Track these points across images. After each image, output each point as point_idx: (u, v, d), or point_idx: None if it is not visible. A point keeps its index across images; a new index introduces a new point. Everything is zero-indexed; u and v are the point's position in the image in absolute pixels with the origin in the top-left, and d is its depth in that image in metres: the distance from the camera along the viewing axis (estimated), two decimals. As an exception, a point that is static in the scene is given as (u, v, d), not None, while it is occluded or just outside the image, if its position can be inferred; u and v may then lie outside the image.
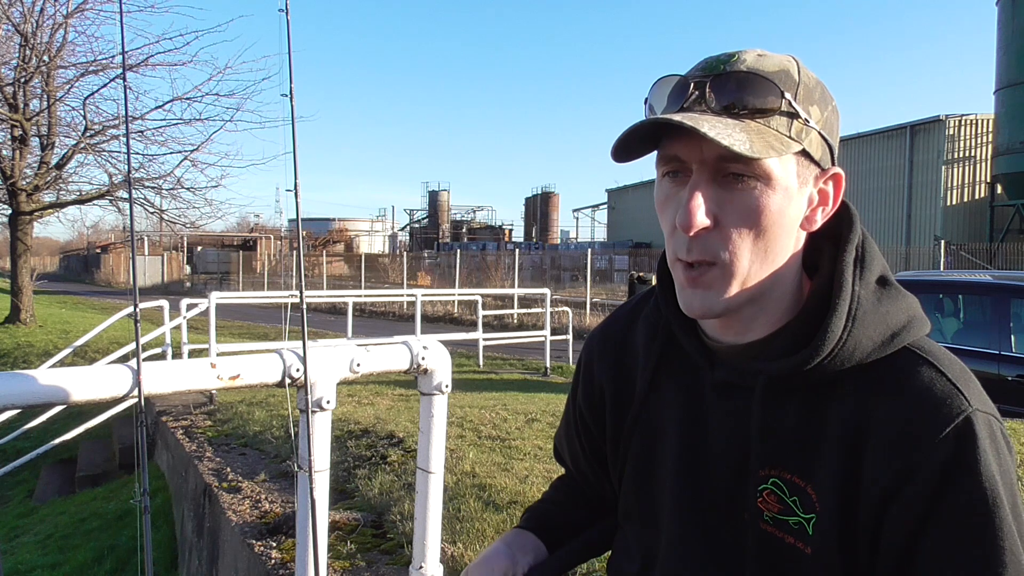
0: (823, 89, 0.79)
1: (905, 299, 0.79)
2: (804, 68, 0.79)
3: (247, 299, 12.03)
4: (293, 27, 1.65)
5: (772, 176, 0.74)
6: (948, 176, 23.98)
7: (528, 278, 28.94)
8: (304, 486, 1.79)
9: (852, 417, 0.73)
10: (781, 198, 0.75)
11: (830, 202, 0.80)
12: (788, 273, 0.79)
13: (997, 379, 6.08)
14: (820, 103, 0.78)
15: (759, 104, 0.74)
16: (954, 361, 0.76)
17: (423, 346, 1.86)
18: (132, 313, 1.85)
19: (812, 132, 0.76)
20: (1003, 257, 20.52)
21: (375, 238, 56.78)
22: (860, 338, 0.74)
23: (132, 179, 12.33)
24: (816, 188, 0.79)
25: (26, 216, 14.88)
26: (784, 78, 0.76)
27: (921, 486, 0.69)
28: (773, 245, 0.77)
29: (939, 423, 0.70)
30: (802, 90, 0.76)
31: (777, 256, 0.78)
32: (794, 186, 0.76)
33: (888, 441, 0.71)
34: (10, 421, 7.48)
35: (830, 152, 0.80)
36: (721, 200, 0.75)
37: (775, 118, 0.75)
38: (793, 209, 0.77)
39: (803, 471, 0.75)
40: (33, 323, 15.58)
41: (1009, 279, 6.83)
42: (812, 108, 0.77)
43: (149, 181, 14.16)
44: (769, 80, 0.75)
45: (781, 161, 0.75)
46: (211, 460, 5.09)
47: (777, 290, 0.79)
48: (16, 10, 13.37)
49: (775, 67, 0.76)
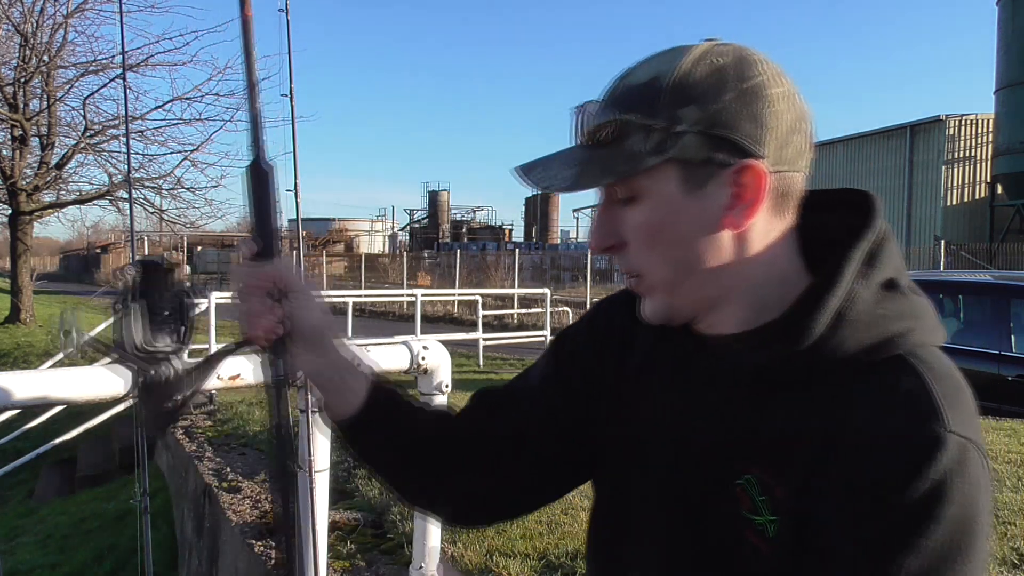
0: (723, 76, 0.73)
1: (913, 305, 0.75)
2: (701, 60, 0.74)
3: (247, 299, 12.00)
4: (293, 27, 1.65)
5: (646, 193, 0.75)
6: (948, 176, 23.96)
7: (528, 278, 28.92)
8: (304, 486, 1.79)
9: (829, 421, 0.70)
10: (664, 211, 0.75)
11: (742, 199, 0.74)
12: (756, 272, 0.77)
13: (997, 379, 6.08)
14: (709, 96, 0.72)
15: (604, 131, 0.75)
16: (951, 378, 0.71)
17: (423, 346, 1.86)
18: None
19: (685, 136, 0.72)
20: (1003, 257, 20.50)
21: (375, 238, 56.77)
22: (846, 338, 0.71)
23: (132, 179, 12.33)
24: (726, 188, 0.74)
25: (26, 216, 14.89)
26: (643, 91, 0.74)
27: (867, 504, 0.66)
28: (687, 254, 0.76)
29: (904, 441, 0.66)
30: (671, 95, 0.72)
31: (703, 262, 0.76)
32: (678, 195, 0.74)
33: (851, 452, 0.68)
34: (10, 421, 7.48)
35: (735, 145, 0.73)
36: (619, 220, 0.78)
37: (631, 137, 0.73)
38: (690, 217, 0.75)
39: (776, 471, 0.73)
40: (33, 323, 15.58)
41: (1009, 279, 6.83)
42: (687, 109, 0.72)
43: (149, 181, 14.18)
44: (612, 103, 0.75)
45: (653, 175, 0.74)
46: (211, 460, 5.09)
47: (748, 289, 0.77)
48: (16, 10, 13.38)
49: (646, 76, 0.75)
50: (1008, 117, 21.99)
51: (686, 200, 0.74)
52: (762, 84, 0.73)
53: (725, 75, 0.73)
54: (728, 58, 0.74)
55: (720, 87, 0.72)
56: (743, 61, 0.74)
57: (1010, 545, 2.89)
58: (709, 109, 0.72)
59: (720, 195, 0.74)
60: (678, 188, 0.74)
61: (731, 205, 0.74)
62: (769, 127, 0.73)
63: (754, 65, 0.74)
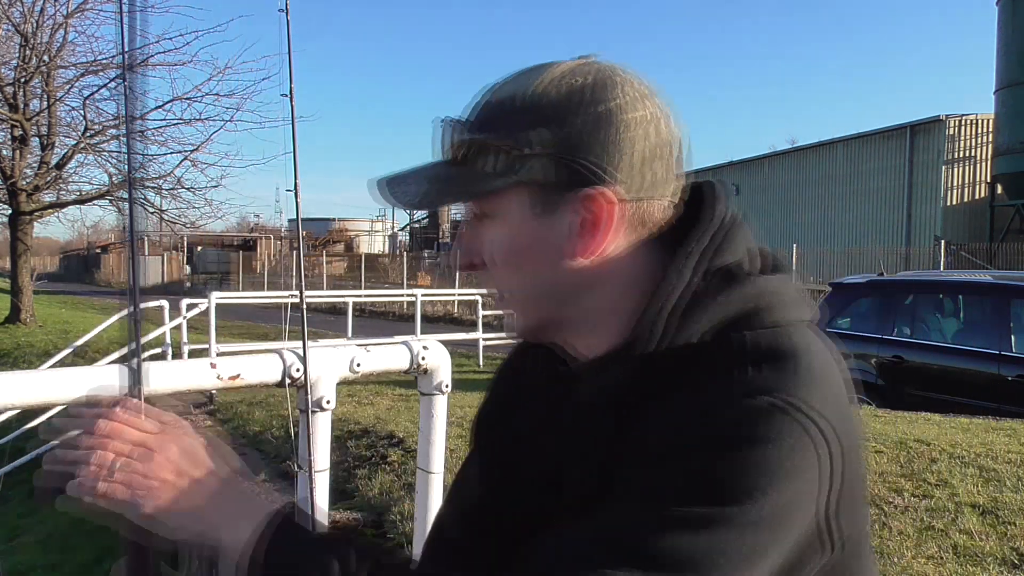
0: (577, 98, 0.69)
1: (757, 286, 0.70)
2: (559, 80, 0.71)
3: (247, 299, 12.04)
4: (293, 27, 1.65)
5: (499, 214, 0.73)
6: (948, 176, 23.96)
7: (528, 278, 28.85)
8: (304, 486, 1.79)
9: (653, 428, 0.67)
10: (516, 233, 0.73)
11: (590, 226, 0.70)
12: (614, 297, 0.74)
13: (997, 379, 6.09)
14: (560, 118, 0.69)
15: (460, 149, 0.73)
16: (789, 355, 0.65)
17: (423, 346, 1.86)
18: (132, 313, 1.85)
19: (534, 159, 0.70)
20: (1003, 257, 20.50)
21: (375, 238, 56.75)
22: (685, 338, 0.69)
23: (132, 179, 12.33)
24: (576, 213, 0.71)
25: (26, 216, 14.90)
26: (498, 110, 0.72)
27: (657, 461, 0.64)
28: (539, 277, 0.74)
29: (707, 410, 0.63)
30: (522, 115, 0.70)
31: (556, 286, 0.74)
32: (529, 218, 0.72)
33: (664, 428, 0.65)
34: (10, 421, 7.48)
35: (585, 170, 0.69)
36: (479, 239, 0.76)
37: (483, 157, 0.72)
38: (541, 241, 0.72)
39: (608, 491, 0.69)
40: (33, 323, 15.57)
41: (1009, 279, 6.84)
42: (537, 131, 0.69)
43: (149, 181, 14.17)
44: (471, 120, 0.73)
45: (505, 196, 0.72)
46: (211, 460, 5.09)
47: (609, 312, 0.74)
48: (16, 10, 13.38)
49: (504, 94, 0.72)
50: (1008, 117, 21.99)
51: (536, 223, 0.72)
52: (617, 108, 0.70)
53: (580, 97, 0.70)
54: (588, 79, 0.71)
55: (572, 110, 0.70)
56: (603, 83, 0.71)
57: (1010, 545, 2.89)
58: (559, 132, 0.69)
59: (570, 220, 0.71)
60: (529, 211, 0.72)
61: (581, 231, 0.71)
62: (622, 154, 0.70)
63: (613, 88, 0.71)
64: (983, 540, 2.92)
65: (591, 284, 0.73)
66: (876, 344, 6.81)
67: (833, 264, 21.75)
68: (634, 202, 0.71)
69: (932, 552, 2.84)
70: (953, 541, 2.92)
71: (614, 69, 0.73)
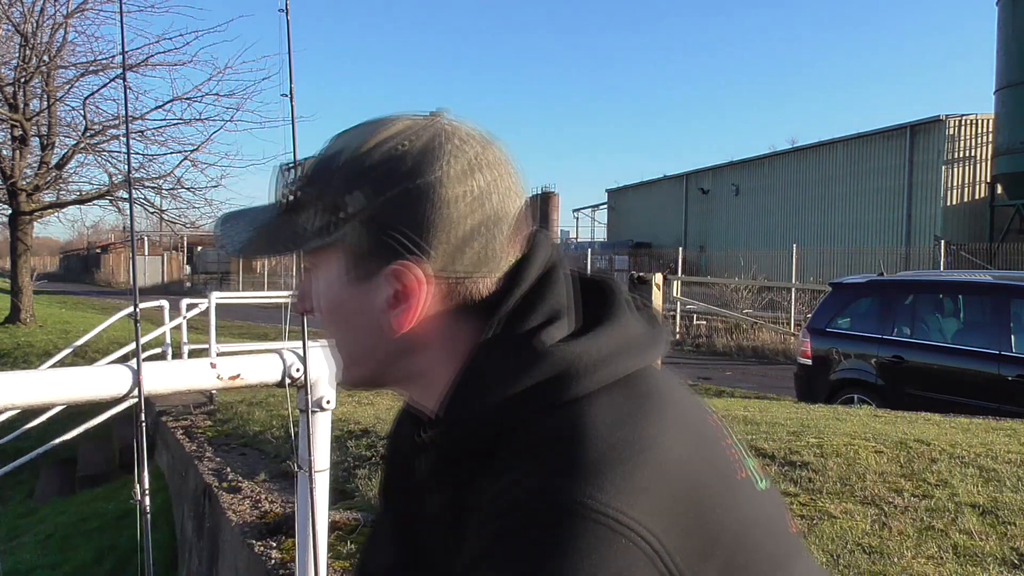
0: (397, 166, 0.66)
1: (542, 361, 0.64)
2: (386, 142, 0.68)
3: (247, 299, 12.02)
4: (293, 27, 1.65)
5: (320, 270, 0.73)
6: (948, 176, 23.98)
7: (528, 278, 28.84)
8: (304, 486, 1.79)
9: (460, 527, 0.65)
10: (333, 293, 0.72)
11: (403, 299, 0.68)
12: (435, 367, 0.71)
13: (997, 379, 6.09)
14: (376, 186, 0.66)
15: (287, 199, 0.72)
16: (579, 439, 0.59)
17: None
18: (132, 313, 1.85)
19: (348, 224, 0.67)
20: (1003, 257, 20.52)
21: (375, 238, 56.69)
22: (481, 413, 0.64)
23: (132, 179, 12.34)
24: (388, 285, 0.68)
25: (26, 216, 14.90)
26: (324, 165, 0.70)
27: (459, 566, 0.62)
28: (356, 339, 0.73)
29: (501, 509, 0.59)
30: (342, 177, 0.67)
31: (374, 350, 0.72)
32: (344, 281, 0.70)
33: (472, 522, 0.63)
34: (10, 421, 7.48)
35: (397, 243, 0.66)
36: (308, 285, 0.75)
37: (304, 212, 0.70)
38: (356, 305, 0.70)
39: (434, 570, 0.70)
40: (33, 323, 15.58)
41: (1009, 279, 6.84)
42: (353, 196, 0.67)
43: (149, 181, 14.18)
44: (304, 171, 0.71)
45: (323, 255, 0.71)
46: (211, 460, 5.10)
47: (421, 375, 0.73)
48: (16, 10, 13.38)
49: (334, 149, 0.70)
50: (1008, 117, 22.00)
51: (352, 289, 0.70)
52: (437, 183, 0.66)
53: (400, 166, 0.66)
54: (416, 144, 0.67)
55: (389, 179, 0.66)
56: (428, 152, 0.67)
57: (1010, 545, 2.89)
58: (374, 201, 0.66)
59: (383, 290, 0.68)
60: (344, 274, 0.70)
61: (394, 303, 0.68)
62: (437, 231, 0.66)
63: (437, 160, 0.66)
64: (983, 540, 2.92)
65: (412, 350, 0.71)
66: (876, 344, 6.82)
67: (833, 264, 21.76)
68: (451, 280, 0.68)
69: (932, 552, 2.83)
70: (953, 541, 2.92)
71: (451, 135, 0.68)
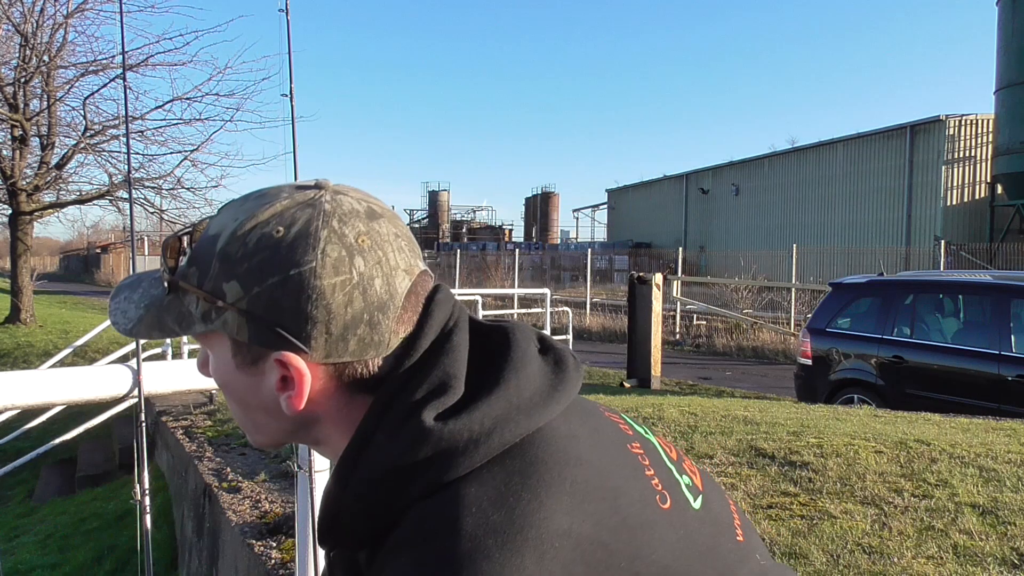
0: (273, 254, 0.64)
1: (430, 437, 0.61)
2: (263, 225, 0.65)
3: (247, 299, 12.00)
4: (293, 27, 1.65)
5: (211, 349, 0.72)
6: (948, 176, 23.98)
7: (528, 278, 28.93)
8: (304, 486, 1.79)
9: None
10: (223, 373, 0.71)
11: (290, 384, 0.67)
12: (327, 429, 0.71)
13: (997, 379, 6.09)
14: (252, 275, 0.64)
15: (168, 277, 0.70)
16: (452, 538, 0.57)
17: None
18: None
19: (228, 312, 0.65)
20: (1003, 257, 20.52)
21: (375, 238, 56.61)
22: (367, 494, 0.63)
23: (132, 179, 12.34)
24: (275, 371, 0.67)
25: (26, 216, 14.89)
26: (205, 247, 0.67)
27: None
28: (250, 416, 0.72)
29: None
30: (219, 264, 0.65)
31: (263, 421, 0.72)
32: (232, 365, 0.69)
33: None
34: (10, 421, 7.48)
35: (277, 335, 0.64)
36: (207, 356, 0.74)
37: (189, 295, 0.68)
38: (246, 388, 0.70)
39: None
40: (33, 323, 15.58)
41: (1009, 279, 6.83)
42: (230, 284, 0.65)
43: (149, 181, 14.18)
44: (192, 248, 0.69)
45: (211, 338, 0.70)
46: (211, 460, 5.10)
47: (328, 444, 0.72)
48: (16, 10, 13.37)
49: (215, 229, 0.68)
50: (1008, 117, 22.00)
51: (239, 372, 0.69)
52: (311, 274, 0.63)
53: (275, 253, 0.64)
54: (293, 228, 0.65)
55: (263, 270, 0.64)
56: (302, 239, 0.64)
57: (1010, 545, 2.89)
58: (249, 292, 0.64)
59: (270, 376, 0.68)
60: (232, 358, 0.69)
61: (281, 387, 0.67)
62: (316, 321, 0.64)
63: (312, 248, 0.64)
64: (983, 540, 2.92)
65: (310, 423, 0.70)
66: (876, 344, 6.82)
67: (833, 264, 21.77)
68: (336, 365, 0.66)
69: (932, 552, 2.83)
70: (953, 541, 2.92)
71: (330, 215, 0.66)
